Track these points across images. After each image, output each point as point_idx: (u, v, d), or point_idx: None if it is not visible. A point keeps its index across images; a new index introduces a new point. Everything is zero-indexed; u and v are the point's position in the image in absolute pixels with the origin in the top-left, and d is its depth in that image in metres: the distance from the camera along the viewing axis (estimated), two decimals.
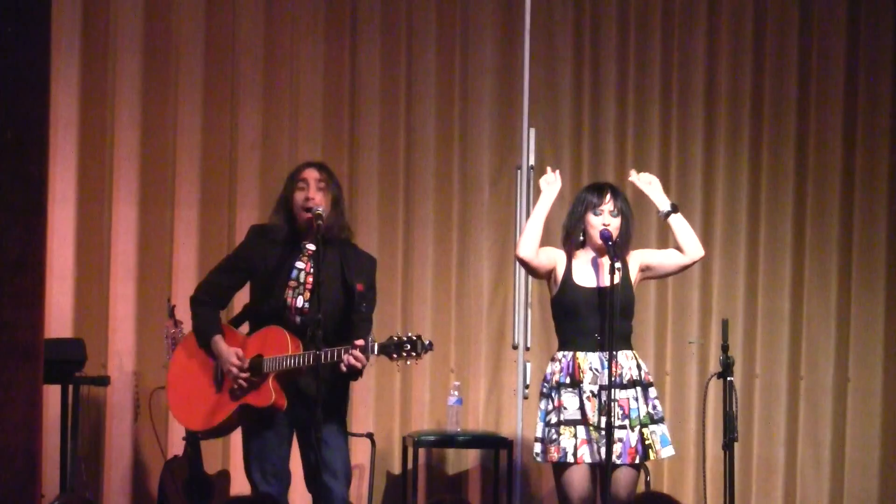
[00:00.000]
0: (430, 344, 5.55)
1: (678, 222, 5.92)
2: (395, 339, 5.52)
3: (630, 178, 6.04)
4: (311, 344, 5.51)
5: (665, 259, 5.99)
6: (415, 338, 5.50)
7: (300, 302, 5.66)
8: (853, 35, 7.66)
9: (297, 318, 5.67)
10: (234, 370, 5.66)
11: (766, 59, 7.63)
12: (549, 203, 5.89)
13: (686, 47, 7.59)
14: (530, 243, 5.80)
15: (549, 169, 6.00)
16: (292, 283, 5.70)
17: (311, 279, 5.67)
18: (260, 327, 5.75)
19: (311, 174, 5.77)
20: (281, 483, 5.75)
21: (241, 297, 5.99)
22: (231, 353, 5.68)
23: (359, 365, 5.53)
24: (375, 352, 5.52)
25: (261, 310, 5.78)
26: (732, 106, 7.61)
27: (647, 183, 6.02)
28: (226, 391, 5.72)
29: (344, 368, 5.55)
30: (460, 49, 7.49)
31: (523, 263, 5.89)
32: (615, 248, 5.72)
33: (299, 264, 5.72)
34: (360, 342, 5.51)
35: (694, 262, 5.97)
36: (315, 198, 5.71)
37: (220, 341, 5.72)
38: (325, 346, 5.51)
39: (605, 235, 5.76)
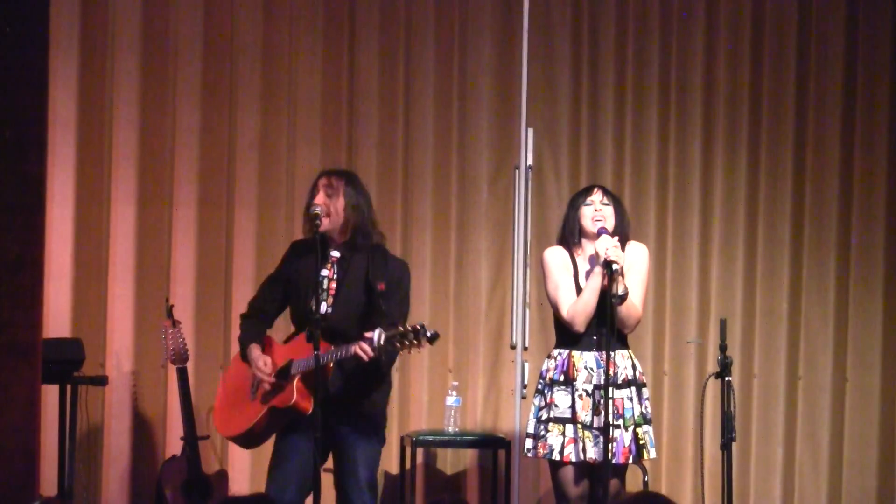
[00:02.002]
0: (436, 333, 5.53)
1: (626, 307, 5.84)
2: (401, 328, 5.54)
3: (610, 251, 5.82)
4: (338, 332, 5.61)
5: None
6: (418, 327, 5.52)
7: (323, 308, 5.68)
8: (852, 35, 7.66)
9: (322, 324, 5.70)
10: (259, 373, 5.79)
11: (765, 60, 7.63)
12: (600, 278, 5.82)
13: (684, 47, 7.59)
14: (587, 321, 5.81)
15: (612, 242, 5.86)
16: (319, 292, 5.75)
17: (333, 285, 5.76)
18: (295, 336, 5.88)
19: (321, 181, 5.85)
20: (298, 491, 5.75)
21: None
22: (259, 359, 5.81)
23: (363, 356, 5.55)
24: (382, 341, 5.52)
25: (296, 319, 5.90)
26: (731, 106, 7.61)
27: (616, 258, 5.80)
28: (258, 398, 5.80)
29: (357, 353, 5.57)
30: (458, 49, 7.49)
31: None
32: (614, 274, 5.73)
33: (324, 272, 5.76)
34: (369, 334, 5.53)
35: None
36: (319, 203, 5.75)
37: (254, 349, 5.86)
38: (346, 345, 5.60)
39: (601, 231, 5.79)
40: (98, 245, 7.17)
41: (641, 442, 5.80)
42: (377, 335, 5.51)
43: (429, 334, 5.49)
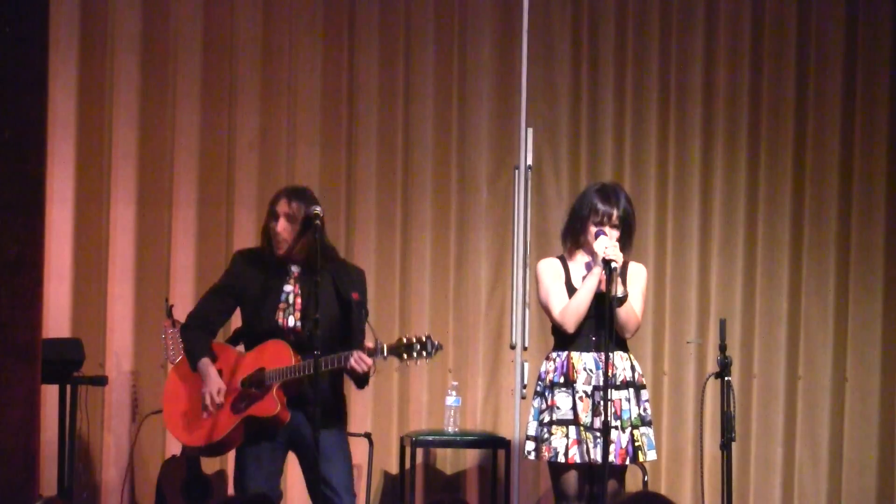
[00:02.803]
0: (440, 345, 5.58)
1: (625, 310, 5.84)
2: (405, 340, 5.55)
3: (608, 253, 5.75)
4: (308, 345, 5.53)
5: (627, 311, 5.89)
6: (424, 338, 5.53)
7: (291, 322, 5.69)
8: (851, 35, 7.66)
9: (292, 337, 5.71)
10: (210, 397, 5.70)
11: (764, 60, 7.63)
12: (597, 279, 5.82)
13: (684, 47, 7.59)
14: (578, 321, 5.80)
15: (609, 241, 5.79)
16: (282, 306, 5.76)
17: (299, 301, 5.72)
18: (256, 346, 5.80)
19: (282, 207, 5.79)
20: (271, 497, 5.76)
21: (234, 322, 6.06)
22: (215, 383, 5.73)
23: (359, 368, 5.55)
24: (385, 353, 5.54)
25: (255, 332, 5.83)
26: (730, 106, 7.61)
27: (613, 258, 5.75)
28: (227, 406, 5.74)
29: (353, 366, 5.58)
30: (458, 49, 7.49)
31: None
32: (612, 273, 5.70)
33: (287, 287, 5.78)
34: (369, 345, 5.53)
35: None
36: (282, 232, 5.72)
37: (206, 365, 5.79)
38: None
39: (599, 232, 5.76)
40: (98, 245, 7.17)
41: (637, 444, 5.80)
42: (379, 347, 5.52)
43: (437, 346, 5.51)
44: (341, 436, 5.84)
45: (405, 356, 5.54)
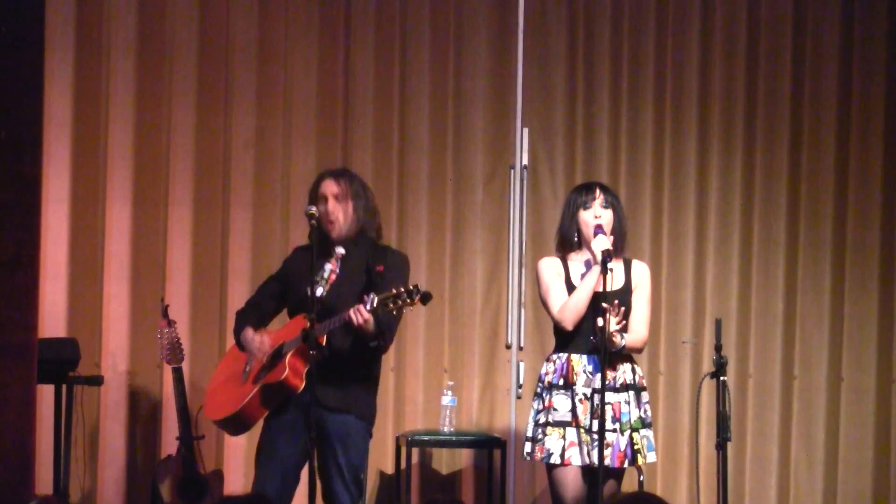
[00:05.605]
0: (428, 293, 5.56)
1: (628, 348, 5.83)
2: (393, 291, 5.58)
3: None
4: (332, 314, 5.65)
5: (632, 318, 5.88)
6: (411, 287, 5.56)
7: (319, 291, 5.69)
8: (847, 36, 7.66)
9: (318, 307, 5.69)
10: (256, 349, 5.87)
11: (760, 60, 7.63)
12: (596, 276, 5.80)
13: (680, 47, 7.59)
14: (576, 318, 5.78)
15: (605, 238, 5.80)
16: (317, 279, 5.76)
17: (334, 276, 5.77)
18: None
19: (329, 188, 5.87)
20: (283, 483, 5.75)
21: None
22: (254, 339, 5.90)
23: (355, 319, 5.58)
24: (375, 304, 5.56)
25: (291, 310, 5.98)
26: (726, 105, 7.61)
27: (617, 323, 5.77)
28: (250, 379, 5.84)
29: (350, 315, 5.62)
30: (454, 49, 7.49)
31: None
32: (609, 253, 5.70)
33: (328, 266, 5.78)
34: (365, 297, 5.59)
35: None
36: (334, 212, 5.82)
37: (248, 331, 5.95)
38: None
39: (597, 230, 5.75)
40: (93, 245, 7.17)
41: (637, 447, 5.79)
42: (370, 298, 5.55)
43: (422, 293, 5.52)
44: (355, 422, 5.85)
45: (391, 305, 5.56)
